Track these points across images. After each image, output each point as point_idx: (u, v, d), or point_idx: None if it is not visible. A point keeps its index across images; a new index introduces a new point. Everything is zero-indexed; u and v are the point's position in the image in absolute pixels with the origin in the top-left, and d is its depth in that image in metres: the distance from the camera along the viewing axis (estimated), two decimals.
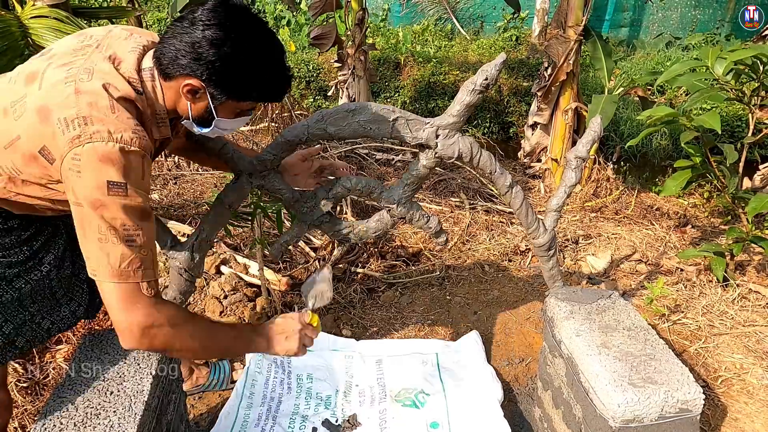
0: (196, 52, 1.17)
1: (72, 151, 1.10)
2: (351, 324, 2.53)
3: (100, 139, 1.10)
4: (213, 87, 1.22)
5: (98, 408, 1.32)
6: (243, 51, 1.20)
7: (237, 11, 1.21)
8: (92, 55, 1.20)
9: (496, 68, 1.52)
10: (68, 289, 1.47)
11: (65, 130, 1.10)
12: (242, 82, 1.23)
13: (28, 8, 2.35)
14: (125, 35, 1.27)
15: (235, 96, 1.26)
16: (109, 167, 1.11)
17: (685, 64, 2.66)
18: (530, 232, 1.84)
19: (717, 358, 2.27)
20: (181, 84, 1.21)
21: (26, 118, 1.14)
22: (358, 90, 4.80)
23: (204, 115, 1.28)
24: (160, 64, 1.21)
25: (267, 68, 1.25)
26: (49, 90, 1.15)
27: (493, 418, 1.89)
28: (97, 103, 1.12)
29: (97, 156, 1.10)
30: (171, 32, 1.20)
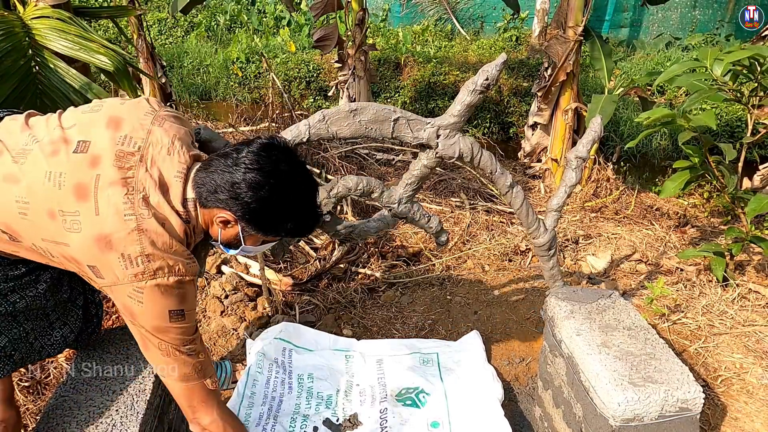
0: (235, 192, 1.23)
1: (134, 285, 1.17)
2: (352, 324, 2.54)
3: (162, 275, 1.19)
4: (245, 223, 1.28)
5: (101, 407, 1.33)
6: (279, 196, 1.26)
7: (280, 156, 1.27)
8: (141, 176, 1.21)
9: (496, 68, 1.52)
10: (63, 313, 1.48)
11: (128, 265, 1.16)
12: (273, 223, 1.30)
13: (30, 9, 2.35)
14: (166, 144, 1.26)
15: (264, 233, 1.33)
16: (169, 299, 1.21)
17: (685, 65, 2.66)
18: (530, 231, 1.84)
19: (717, 358, 2.27)
20: (216, 214, 1.27)
21: (82, 239, 1.17)
22: (359, 90, 4.81)
23: (232, 242, 1.35)
24: (200, 194, 1.26)
25: (299, 212, 1.32)
26: (108, 219, 1.17)
27: (494, 417, 1.90)
28: (157, 242, 1.19)
29: (160, 291, 1.19)
30: (214, 167, 1.25)
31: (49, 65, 2.20)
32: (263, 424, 1.89)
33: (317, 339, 2.31)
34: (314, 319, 2.54)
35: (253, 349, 2.18)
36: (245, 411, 1.93)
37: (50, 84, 2.19)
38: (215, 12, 8.78)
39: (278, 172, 1.25)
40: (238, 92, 6.83)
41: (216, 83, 6.92)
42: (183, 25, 8.47)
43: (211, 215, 1.28)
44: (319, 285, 2.78)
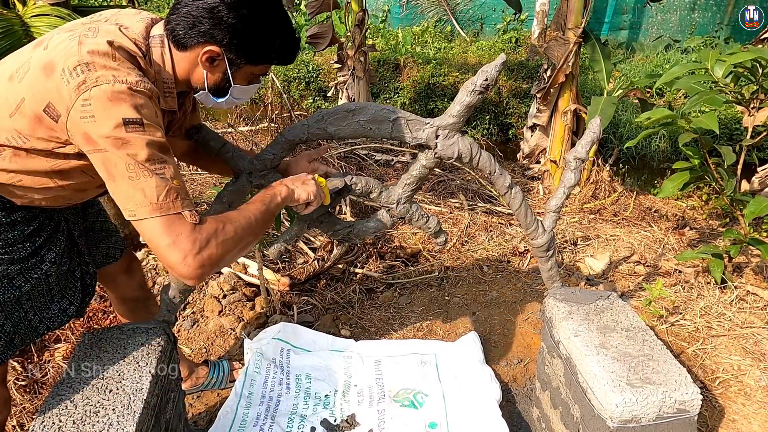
0: (216, 17, 1.18)
1: (80, 98, 1.09)
2: (350, 324, 2.54)
3: (105, 81, 1.09)
4: (233, 51, 1.23)
5: (97, 406, 1.32)
6: (260, 12, 1.21)
7: None
8: (97, 22, 1.22)
9: (496, 69, 1.52)
10: (63, 285, 1.47)
11: (69, 79, 1.10)
12: (261, 44, 1.25)
13: (30, 7, 2.34)
14: (134, 12, 1.29)
15: (254, 59, 1.27)
16: (121, 105, 1.10)
17: (684, 67, 2.67)
18: (529, 233, 1.84)
19: (715, 360, 2.27)
20: (200, 53, 1.22)
21: (30, 76, 1.14)
22: (358, 91, 4.81)
23: (220, 84, 1.29)
24: (175, 35, 1.21)
25: (282, 30, 1.27)
26: (53, 48, 1.15)
27: (492, 418, 1.90)
28: (99, 50, 1.13)
29: (107, 96, 1.09)
30: (183, 1, 1.21)
31: None
32: (261, 424, 1.89)
33: (315, 339, 2.31)
34: (312, 320, 2.54)
35: (251, 349, 2.17)
36: (243, 411, 1.93)
37: None
38: None
39: None
40: None
41: None
42: None
43: (193, 56, 1.23)
44: (317, 285, 2.78)
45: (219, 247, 1.20)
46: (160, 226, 1.13)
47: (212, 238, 1.18)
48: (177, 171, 1.19)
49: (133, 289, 1.84)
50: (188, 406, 2.05)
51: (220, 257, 1.21)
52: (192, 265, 1.15)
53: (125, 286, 1.82)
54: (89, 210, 1.65)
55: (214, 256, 1.19)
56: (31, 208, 1.33)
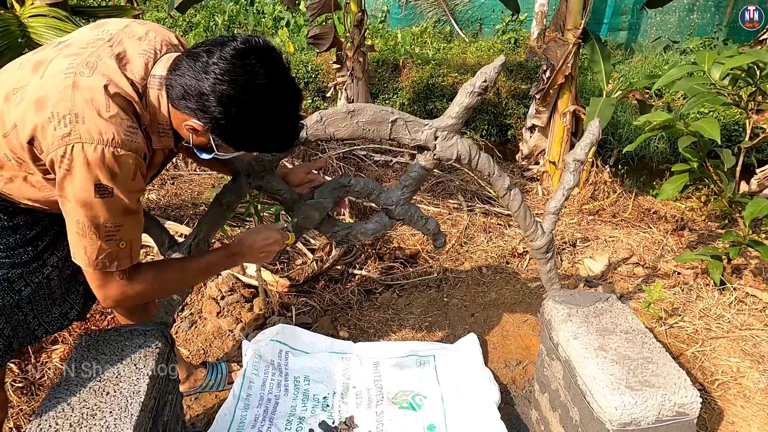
0: (203, 104, 1.12)
1: (61, 149, 1.08)
2: (348, 326, 2.53)
3: (89, 140, 1.07)
4: (215, 134, 1.19)
5: (94, 408, 1.31)
6: (252, 114, 1.14)
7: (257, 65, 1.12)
8: (100, 49, 1.16)
9: (495, 70, 1.52)
10: (66, 289, 1.45)
11: (56, 126, 1.08)
12: (244, 139, 1.20)
13: (27, 7, 2.34)
14: (140, 33, 1.23)
15: (236, 148, 1.24)
16: (97, 170, 1.09)
17: (683, 69, 2.66)
18: (528, 234, 1.84)
19: (714, 362, 2.27)
20: (185, 120, 1.18)
21: (24, 106, 1.12)
22: (357, 91, 4.80)
23: (205, 147, 1.26)
24: (168, 93, 1.17)
25: (275, 129, 1.21)
26: (48, 80, 1.12)
27: (491, 420, 1.89)
28: (92, 100, 1.09)
29: (86, 158, 1.08)
30: (183, 69, 1.14)
31: None
32: (259, 426, 1.88)
33: (314, 341, 2.30)
34: (311, 321, 2.53)
35: (249, 350, 2.17)
36: (241, 413, 1.92)
37: None
38: (213, 12, 8.77)
39: (253, 87, 1.11)
40: None
41: None
42: (181, 25, 8.45)
43: (180, 119, 1.20)
44: (315, 286, 2.77)
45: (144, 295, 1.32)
46: (93, 276, 1.23)
47: (137, 295, 1.29)
48: (132, 230, 1.21)
49: None
50: (186, 408, 2.04)
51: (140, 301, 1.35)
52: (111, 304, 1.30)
53: None
54: None
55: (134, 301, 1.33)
56: (34, 212, 1.32)
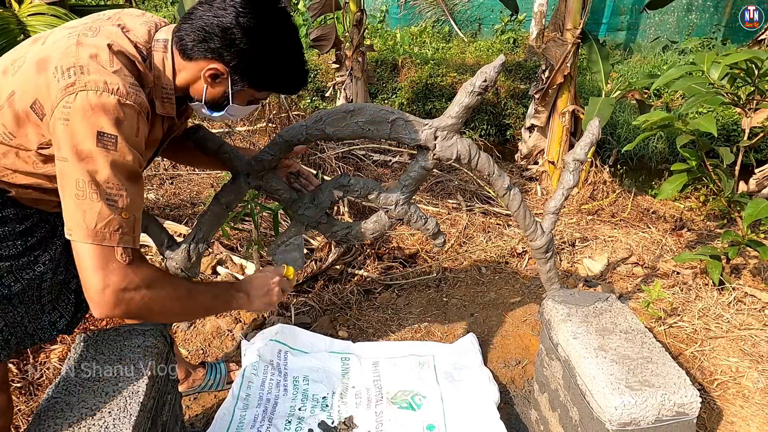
0: (228, 38, 1.14)
1: (64, 100, 1.05)
2: (347, 325, 2.53)
3: (94, 88, 1.05)
4: (238, 74, 1.20)
5: (93, 408, 1.31)
6: (274, 42, 1.18)
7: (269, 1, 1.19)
8: (100, 21, 1.19)
9: (494, 70, 1.52)
10: (56, 296, 1.41)
11: (60, 78, 1.06)
12: (268, 73, 1.22)
13: (26, 5, 2.34)
14: (138, 13, 1.26)
15: (258, 85, 1.24)
16: (100, 116, 1.05)
17: (681, 69, 2.66)
18: (528, 234, 1.84)
19: (713, 362, 2.27)
20: (204, 67, 1.19)
21: (23, 71, 1.11)
22: (356, 91, 4.80)
23: (218, 100, 1.26)
24: (183, 44, 1.18)
25: (292, 61, 1.24)
26: (49, 45, 1.13)
27: (490, 420, 1.89)
28: (97, 55, 1.09)
29: (89, 104, 1.04)
30: (198, 13, 1.17)
31: None
32: (258, 426, 1.88)
33: (313, 341, 2.30)
34: (310, 321, 2.53)
35: (248, 350, 2.16)
36: (240, 413, 1.92)
37: None
38: None
39: (270, 17, 1.16)
40: None
41: None
42: None
43: (197, 68, 1.19)
44: (314, 286, 2.77)
45: (146, 300, 1.15)
46: (90, 253, 1.08)
47: (143, 287, 1.14)
48: (135, 205, 1.12)
49: None
50: (185, 408, 2.04)
51: (140, 309, 1.16)
52: (108, 300, 1.10)
53: None
54: None
55: (133, 304, 1.13)
56: (26, 207, 1.29)
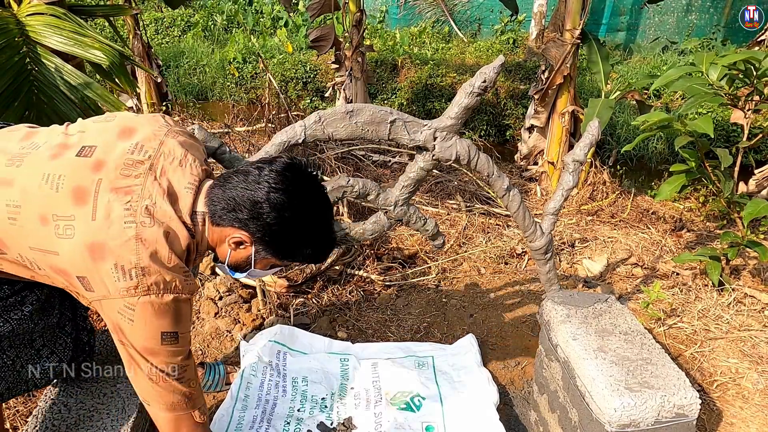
0: (257, 212, 1.17)
1: (125, 300, 1.09)
2: (347, 326, 2.53)
3: (156, 291, 1.10)
4: (262, 246, 1.22)
5: (91, 410, 1.31)
6: (301, 220, 1.20)
7: (303, 178, 1.22)
8: (148, 184, 1.14)
9: (494, 71, 1.52)
10: (50, 340, 1.38)
11: (120, 278, 1.08)
12: (291, 248, 1.25)
13: (25, 6, 2.33)
14: (179, 156, 1.21)
15: (281, 257, 1.27)
16: (163, 319, 1.12)
17: (681, 69, 2.67)
18: (527, 235, 1.83)
19: (713, 363, 2.27)
20: (230, 234, 1.21)
21: (73, 245, 1.08)
22: (355, 91, 4.80)
23: (241, 264, 1.29)
24: (214, 211, 1.19)
25: (318, 237, 1.27)
26: (104, 226, 1.09)
27: (489, 421, 1.89)
28: (156, 254, 1.11)
29: (153, 309, 1.10)
30: (232, 182, 1.19)
31: (43, 61, 2.18)
32: (257, 427, 1.87)
33: (312, 342, 2.29)
34: (309, 321, 2.53)
35: (247, 351, 2.16)
36: (239, 414, 1.92)
37: (45, 80, 2.17)
38: (212, 12, 8.76)
39: (302, 195, 1.20)
40: (235, 92, 6.81)
41: (212, 83, 6.91)
42: (180, 25, 8.45)
43: (223, 235, 1.21)
44: (314, 287, 2.77)
45: None
46: (169, 420, 1.21)
47: None
48: (195, 372, 1.23)
49: None
50: None
51: None
52: None
53: None
54: None
55: None
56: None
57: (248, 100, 6.73)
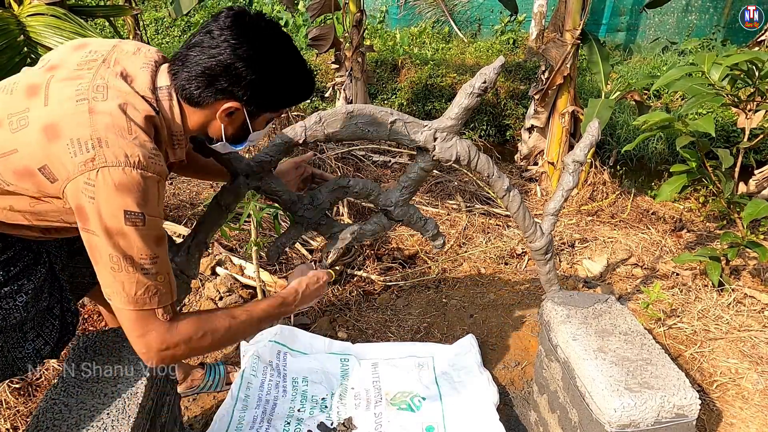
0: (234, 75, 1.14)
1: (84, 176, 1.03)
2: (347, 326, 2.53)
3: (115, 163, 1.04)
4: (253, 104, 1.20)
5: (92, 410, 1.31)
6: (276, 61, 1.18)
7: (252, 21, 1.16)
8: (100, 71, 1.13)
9: (494, 71, 1.52)
10: (39, 323, 1.35)
11: (77, 152, 1.03)
12: (280, 92, 1.23)
13: (26, 6, 2.33)
14: (132, 50, 1.20)
15: (274, 106, 1.25)
16: (125, 196, 1.05)
17: (681, 69, 2.67)
18: (527, 235, 1.84)
19: (712, 363, 2.27)
20: (218, 109, 1.18)
21: (29, 134, 1.07)
22: (356, 92, 4.80)
23: (238, 134, 1.27)
24: (188, 94, 1.16)
25: (296, 72, 1.24)
26: (57, 107, 1.07)
27: (489, 422, 1.89)
28: (113, 123, 1.06)
29: (113, 183, 1.04)
30: (192, 59, 1.14)
31: None
32: (257, 427, 1.88)
33: (312, 342, 2.30)
34: (309, 322, 2.53)
35: (247, 351, 2.16)
36: (239, 414, 1.92)
37: None
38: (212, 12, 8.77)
39: (262, 36, 1.16)
40: None
41: None
42: (180, 25, 8.45)
43: (211, 112, 1.19)
44: None
45: (187, 351, 1.22)
46: (132, 318, 1.13)
47: (183, 342, 1.19)
48: (166, 264, 1.16)
49: None
50: (184, 410, 2.03)
51: (185, 357, 1.25)
52: (153, 359, 1.18)
53: None
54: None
55: (178, 356, 1.21)
56: (6, 236, 1.25)
57: None
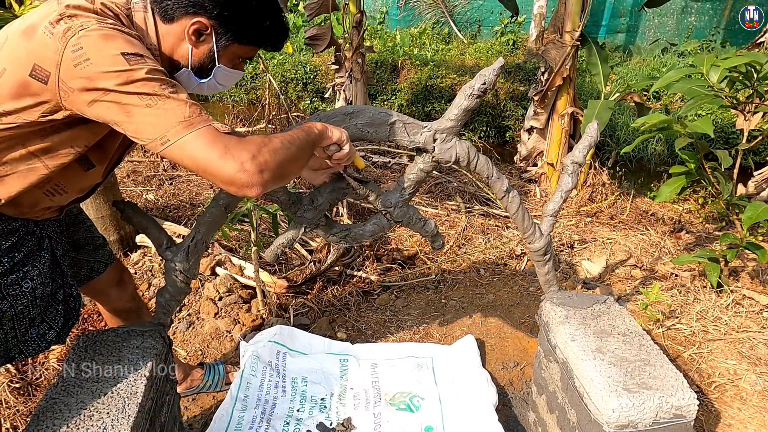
0: None
1: (69, 45, 1.03)
2: (346, 327, 2.53)
3: (91, 26, 1.05)
4: (222, 26, 1.20)
5: (91, 409, 1.31)
6: None
7: None
8: None
9: (494, 73, 1.52)
10: (43, 309, 1.36)
11: (52, 30, 1.05)
12: (250, 21, 1.21)
13: (27, 7, 2.34)
14: None
15: (243, 37, 1.24)
16: (114, 41, 1.04)
17: (681, 71, 2.67)
18: (526, 236, 1.84)
19: (711, 364, 2.28)
20: (186, 25, 1.18)
21: (9, 45, 1.09)
22: (355, 92, 4.80)
23: (204, 63, 1.25)
24: (162, 6, 1.17)
25: (272, 11, 1.24)
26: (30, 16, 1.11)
27: (488, 422, 1.89)
28: (81, 5, 1.09)
29: (97, 36, 1.04)
30: None
31: None
32: (256, 427, 1.88)
33: (311, 342, 2.30)
34: (308, 322, 2.53)
35: (247, 351, 2.17)
36: (238, 414, 1.92)
37: None
38: None
39: None
40: (235, 93, 6.82)
41: None
42: None
43: (180, 30, 1.19)
44: (313, 287, 2.77)
45: (272, 155, 1.11)
46: (202, 140, 1.04)
47: (262, 146, 1.10)
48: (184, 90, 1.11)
49: (126, 301, 1.79)
50: (183, 409, 2.04)
51: (276, 164, 1.12)
52: (252, 170, 1.06)
53: (117, 299, 1.77)
54: (74, 226, 1.59)
55: (270, 162, 1.10)
56: (10, 220, 1.25)
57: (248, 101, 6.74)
